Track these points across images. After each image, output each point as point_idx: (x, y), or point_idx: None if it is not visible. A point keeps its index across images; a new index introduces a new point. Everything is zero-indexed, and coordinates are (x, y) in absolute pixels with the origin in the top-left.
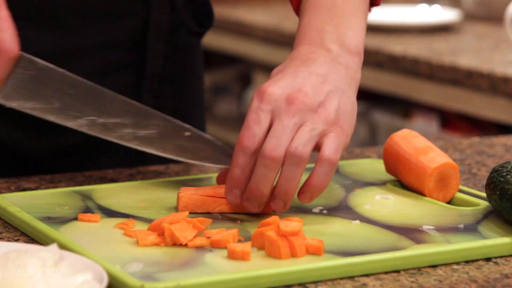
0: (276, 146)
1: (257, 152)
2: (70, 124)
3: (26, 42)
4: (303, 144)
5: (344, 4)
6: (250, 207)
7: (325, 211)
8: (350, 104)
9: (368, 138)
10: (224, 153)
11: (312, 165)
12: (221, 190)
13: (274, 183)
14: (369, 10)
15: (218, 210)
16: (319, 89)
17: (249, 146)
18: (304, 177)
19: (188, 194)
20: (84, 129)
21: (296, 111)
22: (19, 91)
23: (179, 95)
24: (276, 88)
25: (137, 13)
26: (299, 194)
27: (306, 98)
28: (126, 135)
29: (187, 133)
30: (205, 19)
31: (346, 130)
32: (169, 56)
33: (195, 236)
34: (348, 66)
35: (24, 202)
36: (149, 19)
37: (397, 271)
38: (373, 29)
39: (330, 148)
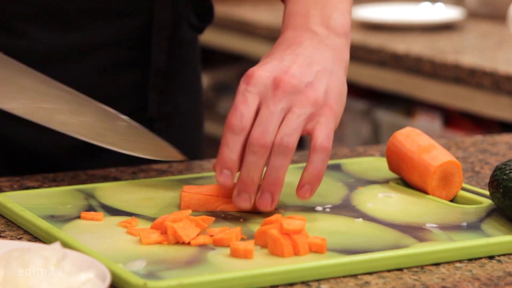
0: (263, 133)
1: (245, 133)
2: (5, 107)
3: (32, 41)
4: (289, 134)
5: None
6: (241, 202)
7: (328, 209)
8: (339, 84)
9: (371, 137)
10: (164, 147)
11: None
12: (225, 189)
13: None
14: None
15: (220, 209)
16: (307, 70)
17: (237, 124)
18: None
19: (190, 193)
20: (20, 113)
21: (283, 95)
22: None
23: (179, 90)
24: (262, 71)
25: (141, 11)
26: (297, 191)
27: (293, 79)
28: (59, 120)
29: (122, 123)
30: (205, 14)
31: (336, 110)
32: (171, 52)
33: (198, 235)
34: (335, 48)
35: (27, 201)
36: (153, 16)
37: (400, 269)
38: (376, 28)
39: (322, 135)
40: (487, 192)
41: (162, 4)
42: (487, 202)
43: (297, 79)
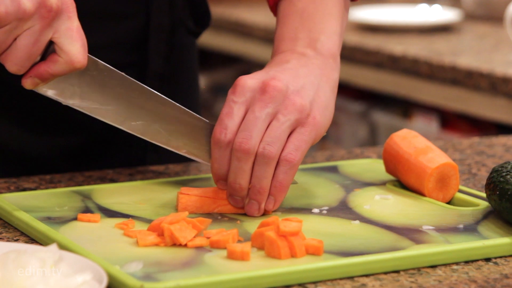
0: (246, 139)
1: (231, 145)
2: (125, 126)
3: None
4: (271, 142)
5: (315, 9)
6: (235, 204)
7: (324, 211)
8: (325, 99)
9: (368, 138)
10: None
11: (307, 166)
12: (222, 191)
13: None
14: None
15: (218, 211)
16: (293, 80)
17: (221, 139)
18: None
19: (188, 194)
20: (138, 133)
21: (269, 100)
22: (78, 90)
23: (176, 94)
24: (249, 79)
25: (138, 14)
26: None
27: (280, 84)
28: (176, 143)
29: None
30: (202, 18)
31: (319, 122)
32: (168, 56)
33: (194, 236)
34: (322, 67)
35: (23, 202)
36: (150, 19)
37: (397, 271)
38: (373, 29)
39: (290, 147)
40: (483, 194)
41: (159, 8)
42: (484, 204)
43: (284, 85)
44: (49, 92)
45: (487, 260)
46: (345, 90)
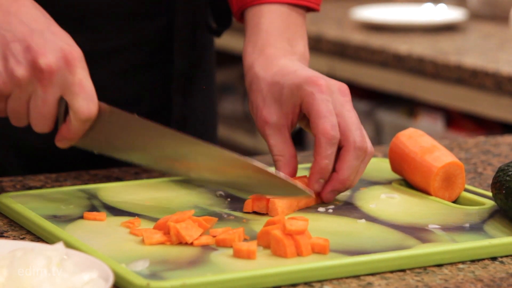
0: (362, 138)
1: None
2: (157, 167)
3: None
4: (367, 140)
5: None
6: (331, 198)
7: (330, 210)
8: None
9: (373, 137)
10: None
11: (308, 165)
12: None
13: None
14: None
15: (303, 206)
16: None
17: (335, 135)
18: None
19: (281, 199)
20: (167, 171)
21: (349, 101)
22: (103, 138)
23: (196, 93)
24: (326, 80)
25: (162, 14)
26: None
27: (343, 87)
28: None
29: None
30: (223, 17)
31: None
32: (191, 55)
33: (200, 235)
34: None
35: (29, 201)
36: (175, 19)
37: (403, 270)
38: (378, 28)
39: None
40: (489, 193)
41: (182, 7)
42: (490, 203)
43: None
44: (82, 145)
45: (493, 259)
46: (350, 89)
